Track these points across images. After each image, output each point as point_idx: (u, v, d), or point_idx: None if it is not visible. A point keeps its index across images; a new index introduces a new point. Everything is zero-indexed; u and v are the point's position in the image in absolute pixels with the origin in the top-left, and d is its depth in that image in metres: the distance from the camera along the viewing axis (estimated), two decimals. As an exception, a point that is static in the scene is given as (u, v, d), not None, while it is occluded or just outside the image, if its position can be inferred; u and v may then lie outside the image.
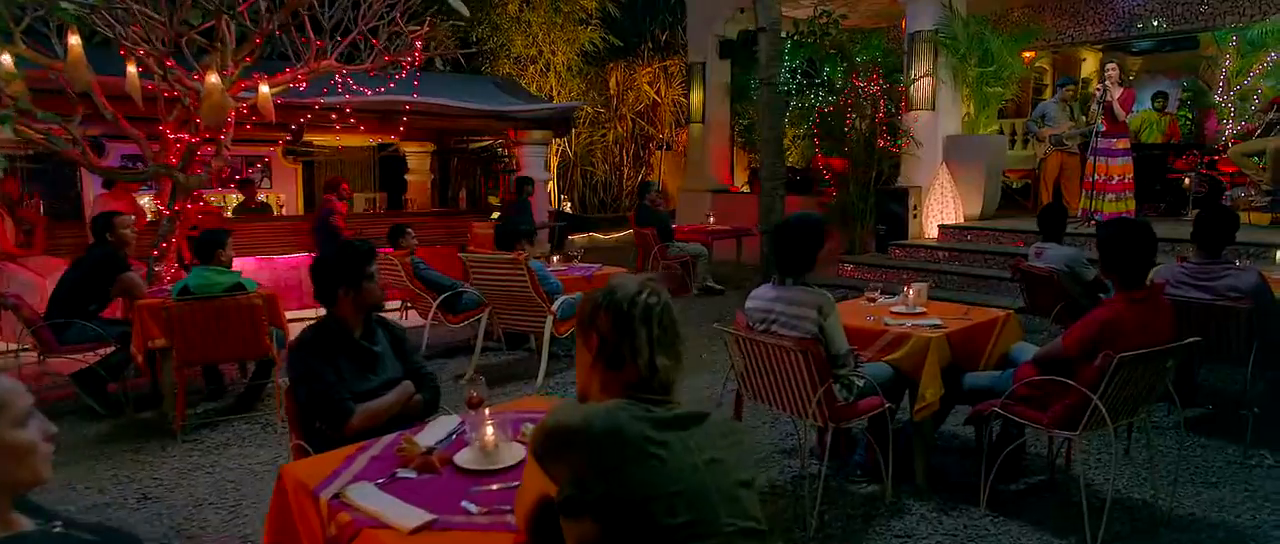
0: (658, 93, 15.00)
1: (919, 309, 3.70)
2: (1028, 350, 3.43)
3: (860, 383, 3.12)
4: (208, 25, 5.03)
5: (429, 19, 6.48)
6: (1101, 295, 4.67)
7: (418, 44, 5.90)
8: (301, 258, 8.36)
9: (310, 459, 2.10)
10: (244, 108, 5.49)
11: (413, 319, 6.35)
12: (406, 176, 11.71)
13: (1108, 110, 7.41)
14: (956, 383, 3.32)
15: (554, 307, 5.16)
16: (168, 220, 5.40)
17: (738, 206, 11.09)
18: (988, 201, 8.55)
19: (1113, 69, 7.43)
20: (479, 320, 5.55)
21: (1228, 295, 3.64)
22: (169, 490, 3.50)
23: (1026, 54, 12.56)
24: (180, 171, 5.26)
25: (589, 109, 14.51)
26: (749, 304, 3.18)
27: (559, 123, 8.62)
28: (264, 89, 5.42)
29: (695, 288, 8.52)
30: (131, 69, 4.95)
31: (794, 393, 3.02)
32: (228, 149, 5.44)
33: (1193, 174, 9.00)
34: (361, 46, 6.33)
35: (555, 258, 6.48)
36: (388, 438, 2.13)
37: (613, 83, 14.83)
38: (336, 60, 5.95)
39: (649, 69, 14.83)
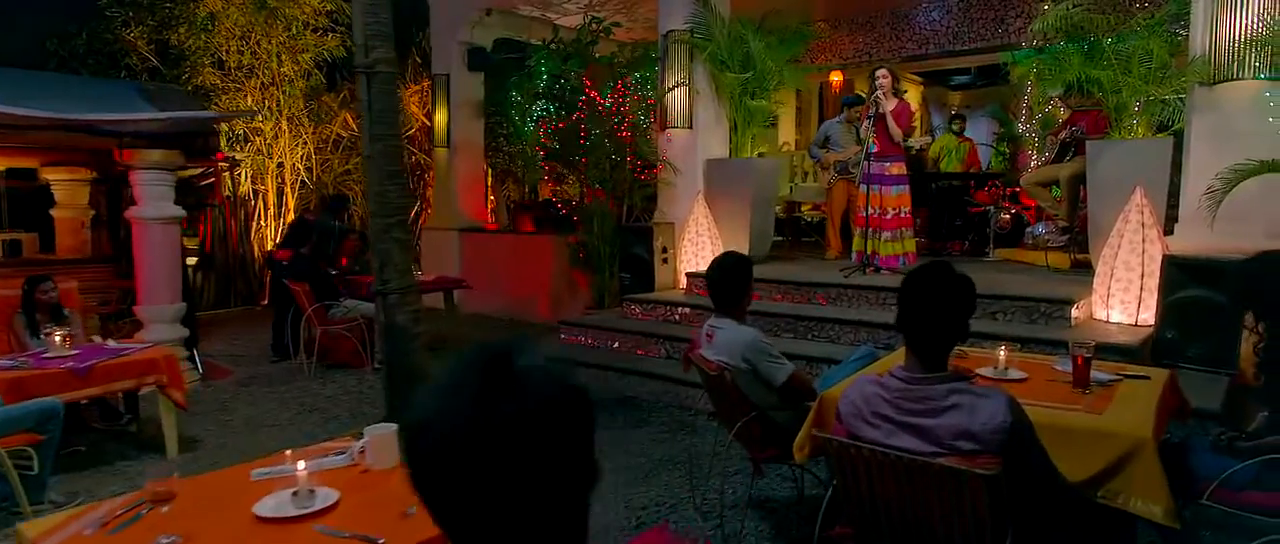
0: (428, 114, 12.80)
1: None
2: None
3: None
4: None
5: None
6: (809, 404, 2.85)
7: None
8: None
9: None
10: None
11: None
12: (52, 213, 8.89)
13: (880, 126, 5.89)
14: None
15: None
16: None
17: (495, 248, 9.07)
18: (756, 241, 6.86)
19: (883, 77, 5.92)
20: None
21: (957, 446, 1.82)
22: None
23: (835, 76, 11.42)
24: None
25: (345, 132, 12.12)
26: None
27: (187, 140, 6.32)
28: None
29: (376, 361, 6.31)
30: None
31: None
32: None
33: (994, 208, 7.74)
34: None
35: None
36: None
37: (372, 102, 12.48)
38: None
39: (417, 87, 12.62)
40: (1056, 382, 2.67)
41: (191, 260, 9.89)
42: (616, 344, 5.84)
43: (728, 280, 2.87)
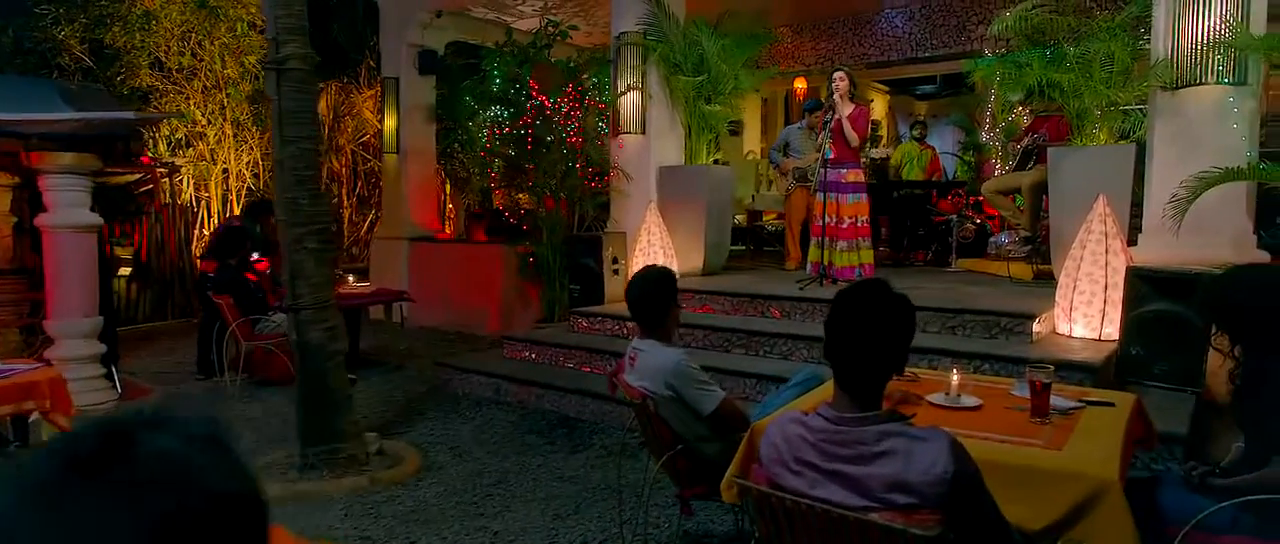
0: (382, 119, 12.39)
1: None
2: None
3: None
4: None
5: None
6: (740, 435, 2.56)
7: None
8: None
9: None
10: None
11: None
12: (-32, 221, 8.36)
13: (836, 131, 5.66)
14: None
15: None
16: None
17: (444, 258, 8.70)
18: (711, 252, 6.60)
19: (840, 79, 5.69)
20: None
21: (891, 500, 1.54)
22: None
23: (799, 83, 11.23)
24: None
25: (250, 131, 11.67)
26: None
27: (105, 143, 5.91)
28: None
29: (307, 379, 5.92)
30: None
31: None
32: None
33: (956, 217, 7.56)
34: None
35: None
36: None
37: (324, 106, 12.04)
38: None
39: (372, 91, 12.22)
40: (1013, 410, 2.41)
41: (126, 271, 9.40)
42: (562, 360, 5.52)
43: (649, 296, 2.58)
